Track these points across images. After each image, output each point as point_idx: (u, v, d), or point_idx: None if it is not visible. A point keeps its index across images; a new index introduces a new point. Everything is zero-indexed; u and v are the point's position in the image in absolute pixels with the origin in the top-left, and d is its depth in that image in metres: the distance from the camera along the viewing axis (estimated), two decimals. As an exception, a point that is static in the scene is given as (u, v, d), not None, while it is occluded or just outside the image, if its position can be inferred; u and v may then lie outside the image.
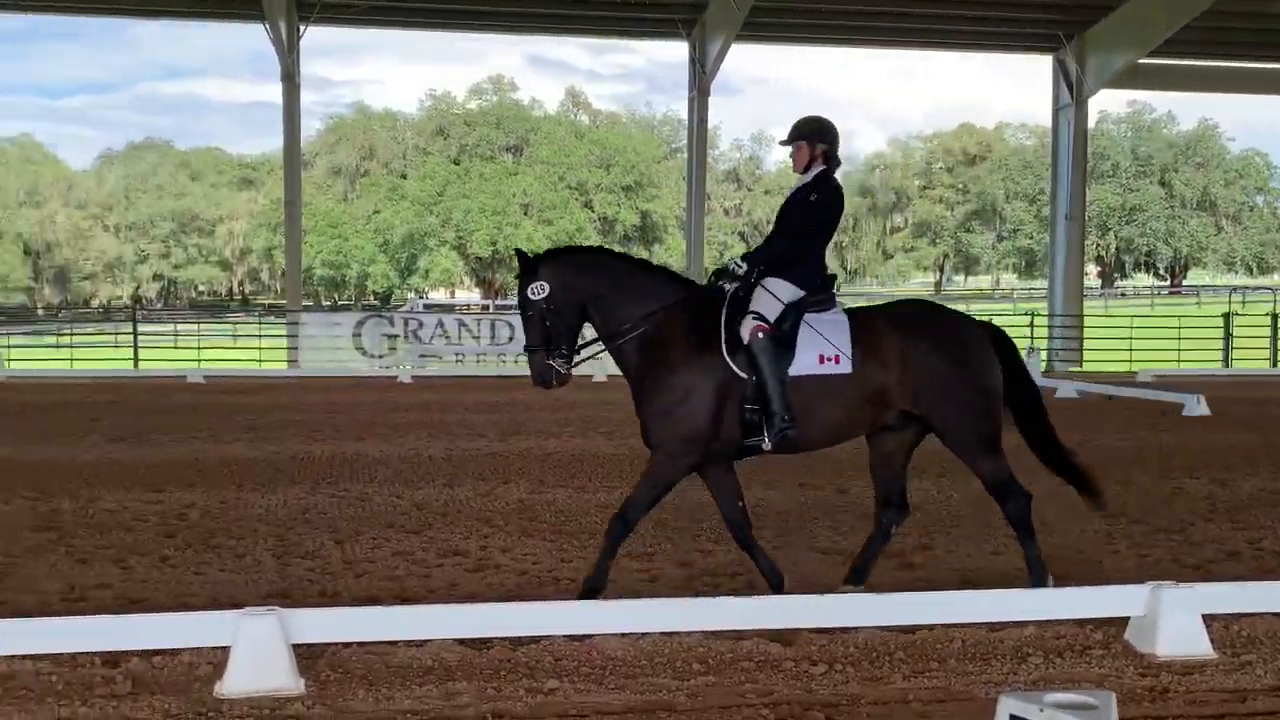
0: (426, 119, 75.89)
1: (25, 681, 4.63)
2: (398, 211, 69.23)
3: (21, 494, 8.85)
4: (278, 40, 25.22)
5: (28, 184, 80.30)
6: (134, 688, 4.61)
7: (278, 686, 4.53)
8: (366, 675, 4.79)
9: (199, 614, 4.90)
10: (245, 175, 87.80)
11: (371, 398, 17.71)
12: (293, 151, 27.53)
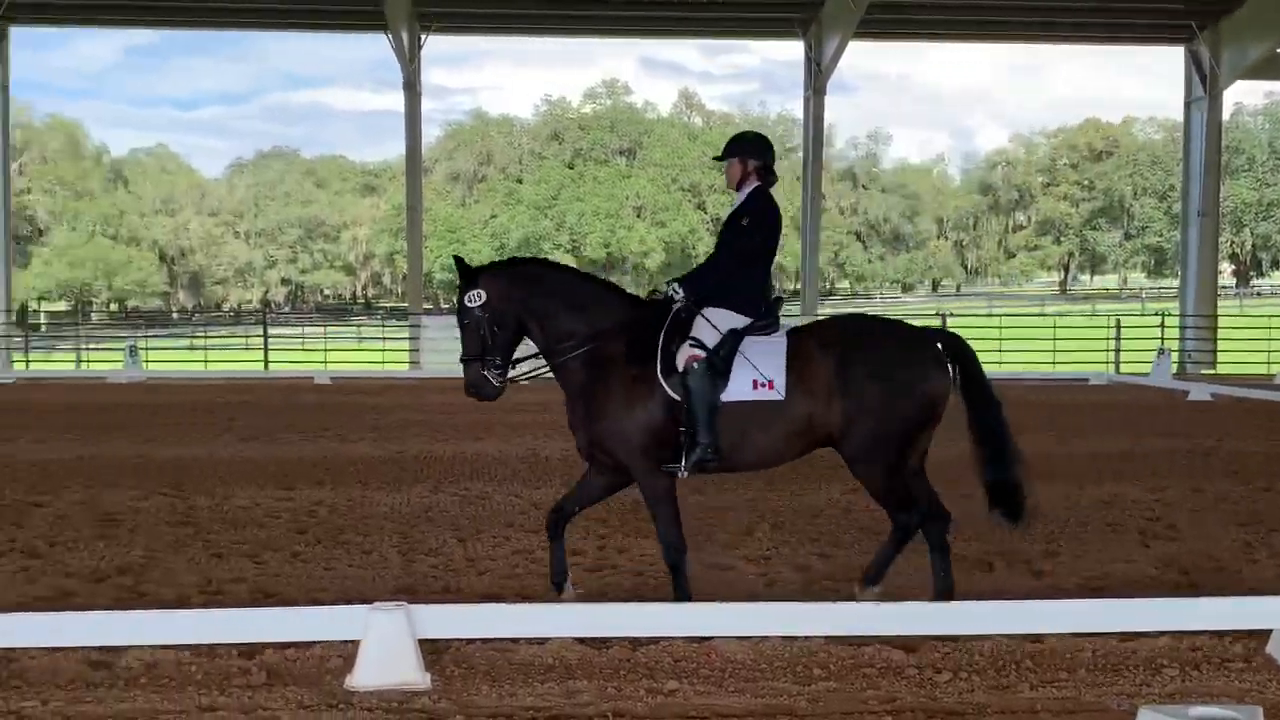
0: (542, 124, 76.89)
1: (167, 671, 4.83)
2: (514, 216, 70.30)
3: (160, 491, 9.22)
4: (400, 50, 25.86)
5: (164, 193, 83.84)
6: (268, 679, 4.77)
7: (405, 680, 4.64)
8: (490, 671, 4.87)
9: (330, 608, 5.04)
10: (368, 182, 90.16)
11: (490, 399, 17.96)
12: (414, 158, 28.19)
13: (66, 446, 11.83)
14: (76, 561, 6.90)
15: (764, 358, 5.63)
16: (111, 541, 7.41)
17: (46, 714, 4.36)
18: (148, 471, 10.21)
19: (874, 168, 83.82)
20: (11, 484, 9.45)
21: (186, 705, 4.46)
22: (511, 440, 12.56)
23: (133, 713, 4.38)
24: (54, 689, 4.62)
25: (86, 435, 12.81)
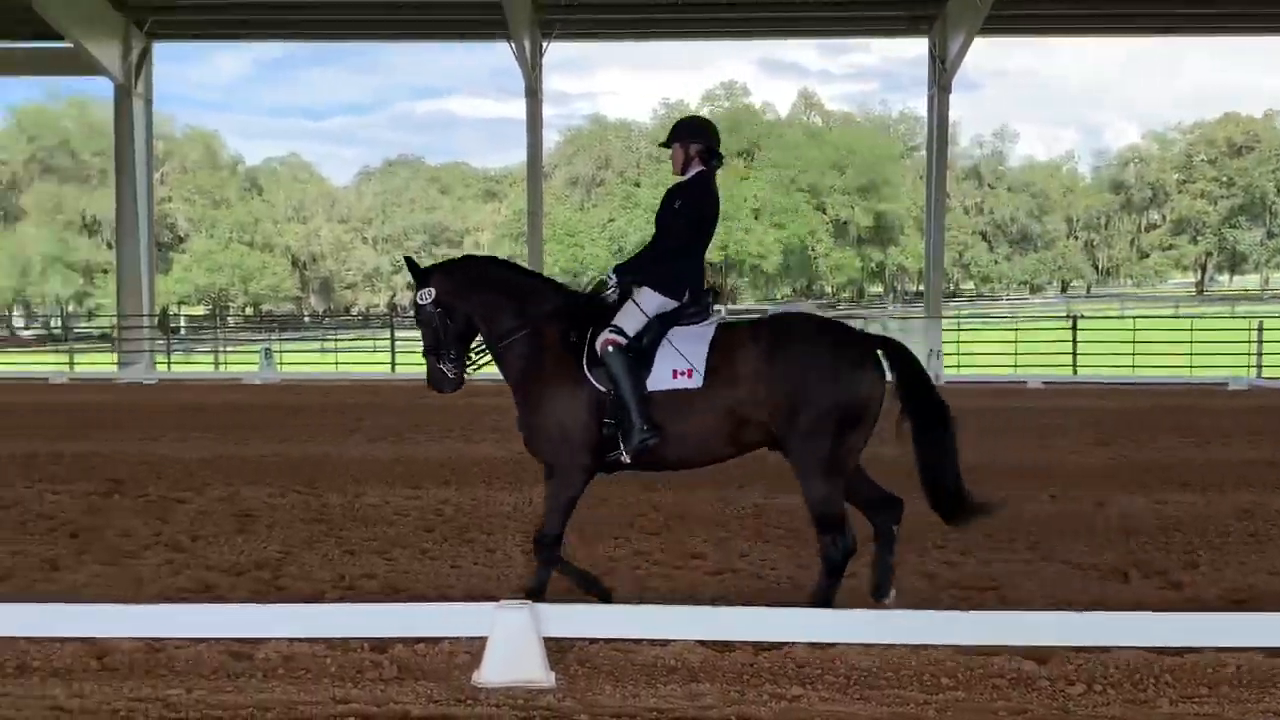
0: (659, 127, 77.11)
1: (304, 663, 5.00)
2: (631, 219, 70.72)
3: (295, 488, 9.53)
4: (522, 57, 26.26)
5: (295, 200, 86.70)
6: (399, 672, 4.90)
7: (530, 678, 4.71)
8: (613, 672, 4.91)
9: (459, 605, 5.15)
10: (490, 188, 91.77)
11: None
12: (535, 163, 28.58)
13: (206, 445, 12.32)
14: (217, 556, 7.17)
15: (687, 346, 5.59)
16: (250, 537, 7.69)
17: (191, 702, 4.55)
18: (283, 469, 10.57)
19: (1000, 166, 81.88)
20: (156, 480, 9.88)
21: (322, 697, 4.60)
22: (631, 442, 12.61)
23: (271, 703, 4.54)
24: (198, 678, 4.82)
25: (225, 434, 13.32)
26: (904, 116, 79.33)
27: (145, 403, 17.81)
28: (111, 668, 4.95)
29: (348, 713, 4.44)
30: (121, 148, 28.65)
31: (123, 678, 4.83)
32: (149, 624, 5.08)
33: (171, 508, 8.67)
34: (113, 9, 26.97)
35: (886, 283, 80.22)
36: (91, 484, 9.67)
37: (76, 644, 5.13)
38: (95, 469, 10.52)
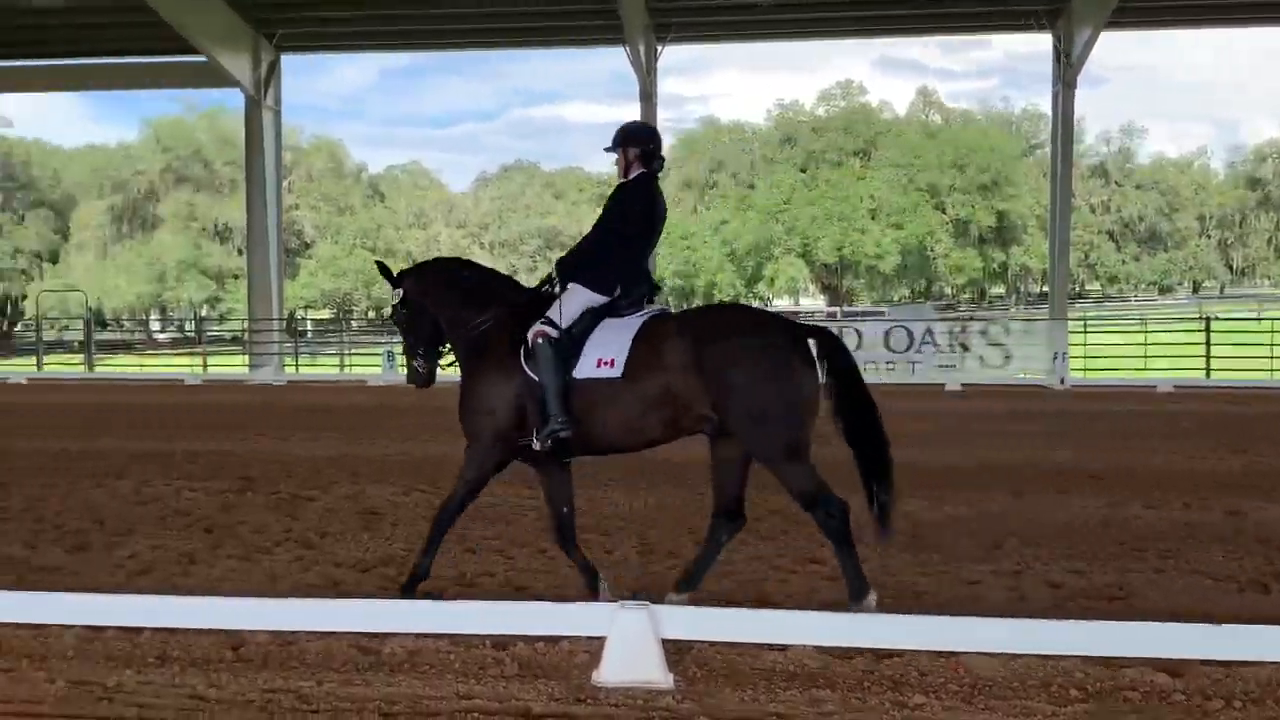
0: (774, 128, 76.70)
1: (428, 658, 5.10)
2: (745, 221, 70.39)
3: (418, 487, 9.75)
4: (637, 61, 26.42)
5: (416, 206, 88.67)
6: (520, 670, 4.97)
7: (649, 679, 4.72)
8: (732, 675, 4.89)
9: (578, 605, 5.20)
10: (603, 192, 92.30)
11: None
12: (649, 167, 28.66)
13: (333, 444, 12.69)
14: (344, 552, 7.38)
15: (613, 336, 5.76)
16: (375, 534, 7.89)
17: (322, 694, 4.68)
18: (406, 469, 10.82)
19: (1127, 163, 79.24)
20: (286, 479, 10.21)
21: (446, 692, 4.70)
22: (746, 445, 12.56)
23: (397, 697, 4.65)
24: (328, 671, 4.96)
25: (350, 434, 13.70)
26: (1026, 113, 77.41)
27: (275, 403, 18.42)
28: (246, 659, 5.13)
29: (471, 708, 4.52)
30: (252, 157, 29.74)
31: (257, 669, 5.00)
32: (282, 617, 5.25)
33: (301, 505, 8.94)
34: (244, 23, 28.01)
35: (1009, 283, 78.32)
36: (225, 482, 10.04)
37: (214, 635, 5.33)
38: (228, 467, 10.92)
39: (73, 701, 4.60)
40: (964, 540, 7.67)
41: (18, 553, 7.31)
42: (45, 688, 4.75)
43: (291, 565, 7.02)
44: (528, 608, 5.19)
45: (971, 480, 10.04)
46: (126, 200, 76.69)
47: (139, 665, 5.03)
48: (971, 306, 75.53)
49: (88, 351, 32.63)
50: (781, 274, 69.49)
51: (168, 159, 76.67)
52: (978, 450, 12.03)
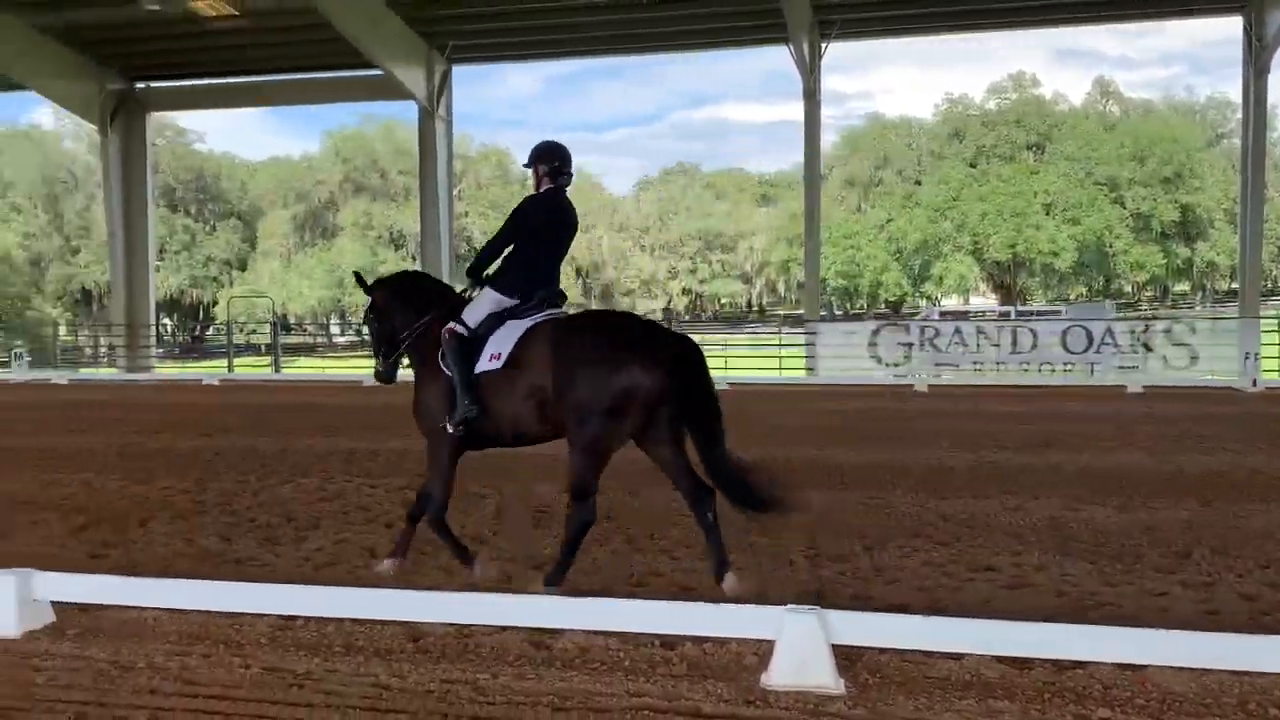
0: (941, 123, 74.90)
1: (598, 655, 5.18)
2: (911, 219, 68.93)
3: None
4: (800, 60, 26.20)
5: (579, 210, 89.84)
6: (688, 670, 4.99)
7: (819, 684, 4.67)
8: (905, 683, 4.80)
9: (747, 608, 5.18)
10: (764, 193, 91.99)
11: (888, 405, 17.76)
12: (812, 166, 28.43)
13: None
14: (515, 548, 7.55)
15: (505, 335, 6.42)
16: (544, 531, 8.06)
17: (497, 687, 4.80)
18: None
19: (1327, 151, 74.16)
20: (461, 476, 10.49)
21: (616, 689, 4.75)
22: (914, 449, 12.31)
23: (569, 692, 4.73)
24: (502, 664, 5.09)
25: (518, 434, 13.99)
26: (1212, 101, 73.39)
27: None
28: (425, 650, 5.31)
29: (641, 706, 4.57)
30: (425, 166, 30.80)
31: (435, 660, 5.16)
32: (459, 610, 5.41)
33: (474, 502, 9.19)
34: (418, 37, 29.02)
35: (1194, 280, 74.39)
36: (403, 479, 10.41)
37: (395, 627, 5.54)
38: (406, 465, 11.32)
39: (267, 687, 4.84)
40: (1150, 549, 7.32)
41: (214, 545, 7.75)
42: (241, 673, 5.02)
43: (466, 561, 7.21)
44: (697, 608, 5.20)
45: (1157, 486, 9.59)
46: (308, 210, 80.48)
47: (326, 654, 5.27)
48: (1154, 305, 72.03)
49: (274, 354, 34.34)
50: (950, 273, 67.75)
51: (346, 169, 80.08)
52: (1162, 455, 11.48)
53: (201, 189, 79.82)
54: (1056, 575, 6.75)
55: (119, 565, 7.03)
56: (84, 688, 4.83)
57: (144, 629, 5.68)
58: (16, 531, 8.20)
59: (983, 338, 24.51)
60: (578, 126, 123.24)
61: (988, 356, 24.27)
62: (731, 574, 6.23)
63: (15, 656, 5.25)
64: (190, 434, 14.40)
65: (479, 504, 9.14)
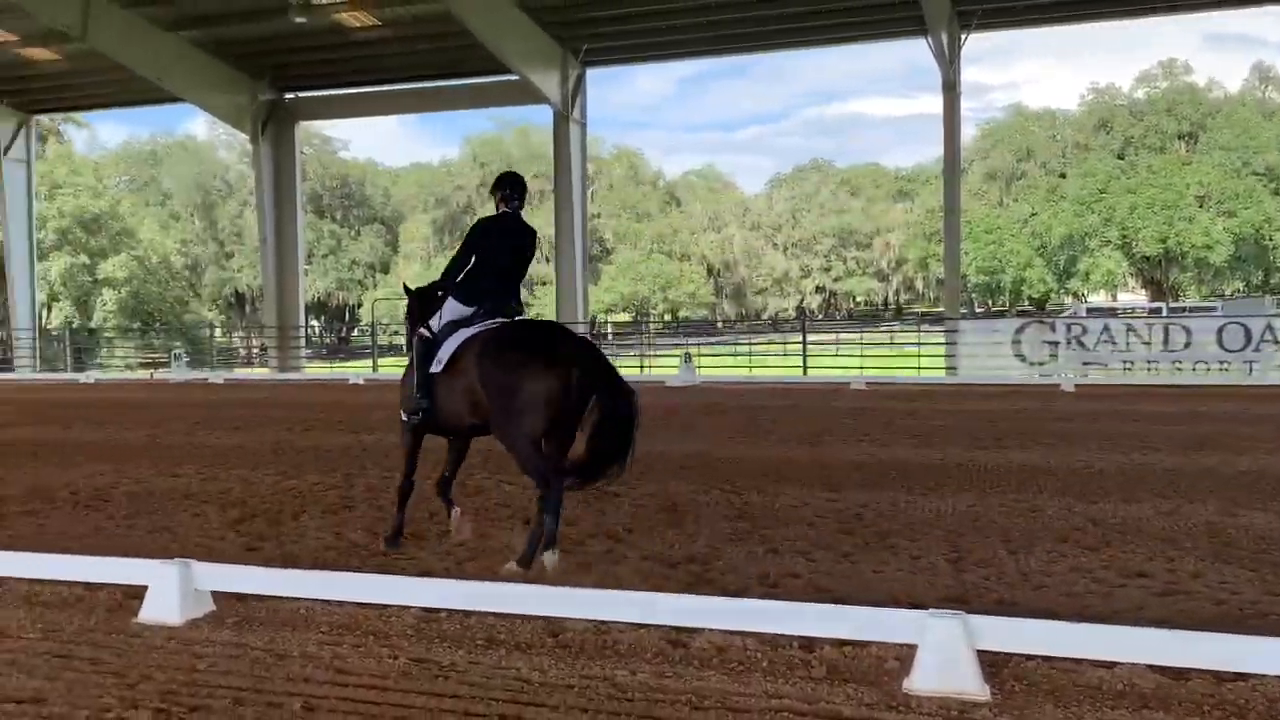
0: (1087, 114, 72.37)
1: (736, 655, 5.16)
2: (1055, 213, 66.78)
3: (719, 486, 9.89)
4: (939, 52, 25.66)
5: (710, 210, 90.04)
6: (828, 673, 4.93)
7: (963, 690, 4.57)
8: (1053, 691, 4.65)
9: (888, 610, 5.10)
10: (901, 188, 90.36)
11: (1033, 406, 17.24)
12: (952, 160, 27.82)
13: (639, 444, 13.06)
14: (651, 547, 7.59)
15: (452, 341, 7.26)
16: (679, 531, 8.07)
17: (635, 684, 4.84)
18: (705, 468, 11.00)
19: None
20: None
21: (755, 690, 4.73)
22: (1060, 451, 11.93)
23: (707, 691, 4.73)
24: (640, 661, 5.12)
25: (651, 433, 14.04)
26: (1382, 84, 69.12)
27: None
28: (565, 645, 5.38)
29: (781, 708, 4.54)
30: (559, 170, 31.21)
31: (574, 655, 5.23)
32: (598, 607, 5.46)
33: (610, 500, 9.27)
34: (553, 41, 29.43)
35: (1362, 274, 70.15)
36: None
37: (535, 622, 5.63)
38: (542, 463, 11.49)
39: (413, 677, 4.98)
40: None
41: (361, 539, 8.01)
42: (390, 663, 5.18)
43: (603, 557, 7.29)
44: (836, 611, 5.14)
45: (1325, 492, 9.07)
46: (447, 213, 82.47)
47: (469, 647, 5.39)
48: (1319, 300, 68.15)
49: (415, 354, 35.21)
50: (1098, 268, 65.39)
51: (484, 174, 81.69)
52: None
53: (346, 195, 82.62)
54: (1214, 582, 6.46)
55: (273, 557, 7.33)
56: (242, 674, 5.04)
57: (297, 619, 5.91)
58: (179, 524, 8.62)
59: (1132, 335, 23.57)
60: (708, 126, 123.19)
61: (1138, 355, 23.33)
62: (554, 553, 6.94)
63: (179, 644, 5.51)
64: (338, 431, 14.91)
65: (612, 502, 9.22)
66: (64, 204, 60.88)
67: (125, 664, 5.20)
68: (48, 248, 58.90)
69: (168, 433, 15.16)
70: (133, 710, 4.59)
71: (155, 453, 12.99)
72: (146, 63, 29.52)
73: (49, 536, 8.20)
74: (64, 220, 60.80)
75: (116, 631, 5.73)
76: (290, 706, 4.62)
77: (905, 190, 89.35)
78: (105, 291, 62.27)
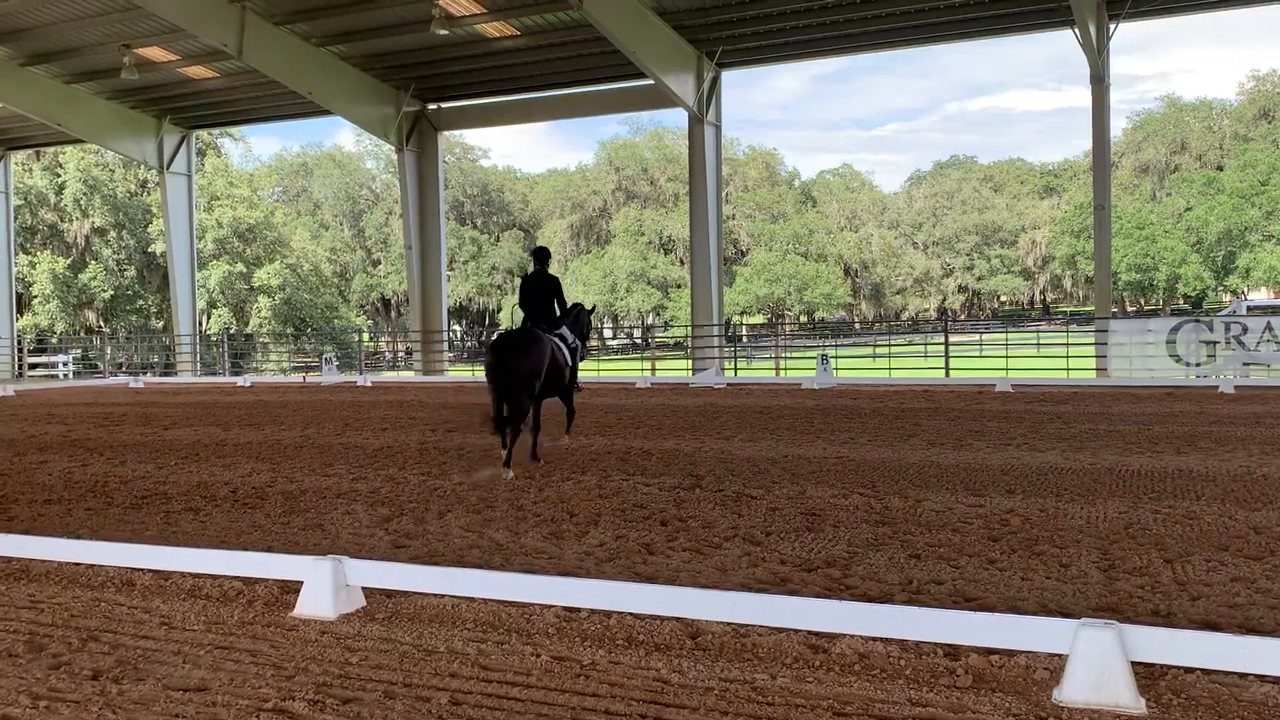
0: (1247, 103, 68.98)
1: (878, 662, 5.09)
2: (1212, 207, 63.80)
3: (858, 490, 9.76)
4: (1087, 43, 24.81)
5: (847, 209, 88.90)
6: (974, 682, 4.81)
7: (1117, 703, 4.41)
8: (1214, 706, 4.45)
9: (1036, 619, 4.95)
10: (1047, 183, 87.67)
11: (1189, 409, 16.51)
12: (1101, 154, 26.84)
13: (772, 445, 13.03)
14: (789, 550, 7.53)
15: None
16: (818, 535, 7.99)
17: (776, 688, 4.81)
18: (845, 471, 10.88)
19: None
20: (731, 477, 10.62)
21: (898, 697, 4.66)
22: (1219, 456, 11.40)
23: (849, 697, 4.68)
24: (780, 665, 5.09)
25: (788, 436, 13.99)
26: None
27: (716, 405, 19.23)
28: (704, 647, 5.39)
29: (925, 716, 4.45)
30: (694, 173, 31.24)
31: (714, 658, 5.23)
32: (737, 609, 5.45)
33: (746, 502, 9.26)
34: (687, 44, 29.51)
35: None
36: (675, 478, 10.63)
37: (674, 623, 5.66)
38: (678, 464, 11.55)
39: (555, 675, 5.06)
40: None
41: (503, 538, 8.17)
42: (532, 660, 5.27)
43: (740, 560, 7.27)
44: (983, 618, 5.01)
45: None
46: (583, 218, 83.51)
47: (610, 646, 5.45)
48: None
49: (553, 357, 35.78)
50: (1259, 264, 62.22)
51: (618, 178, 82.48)
52: None
53: (486, 202, 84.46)
54: (1387, 596, 6.07)
55: (420, 554, 7.55)
56: (391, 668, 5.21)
57: (444, 615, 6.07)
58: (331, 522, 8.96)
59: (1298, 334, 22.36)
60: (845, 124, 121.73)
61: (1304, 355, 22.13)
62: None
63: (332, 638, 5.73)
64: (479, 432, 15.25)
65: (750, 504, 9.20)
66: (222, 215, 63.90)
67: (282, 656, 5.42)
68: (207, 257, 61.90)
69: (320, 433, 15.75)
70: (290, 701, 4.79)
71: (308, 453, 13.52)
72: (297, 78, 30.74)
73: (211, 532, 8.62)
74: (222, 230, 63.80)
75: (274, 625, 5.98)
76: (438, 700, 4.75)
77: (1051, 186, 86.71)
78: (260, 298, 65.08)
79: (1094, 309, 29.00)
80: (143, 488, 11.06)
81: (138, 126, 37.62)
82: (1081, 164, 72.64)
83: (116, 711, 4.71)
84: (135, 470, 12.37)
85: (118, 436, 16.29)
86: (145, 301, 64.82)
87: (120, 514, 9.62)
